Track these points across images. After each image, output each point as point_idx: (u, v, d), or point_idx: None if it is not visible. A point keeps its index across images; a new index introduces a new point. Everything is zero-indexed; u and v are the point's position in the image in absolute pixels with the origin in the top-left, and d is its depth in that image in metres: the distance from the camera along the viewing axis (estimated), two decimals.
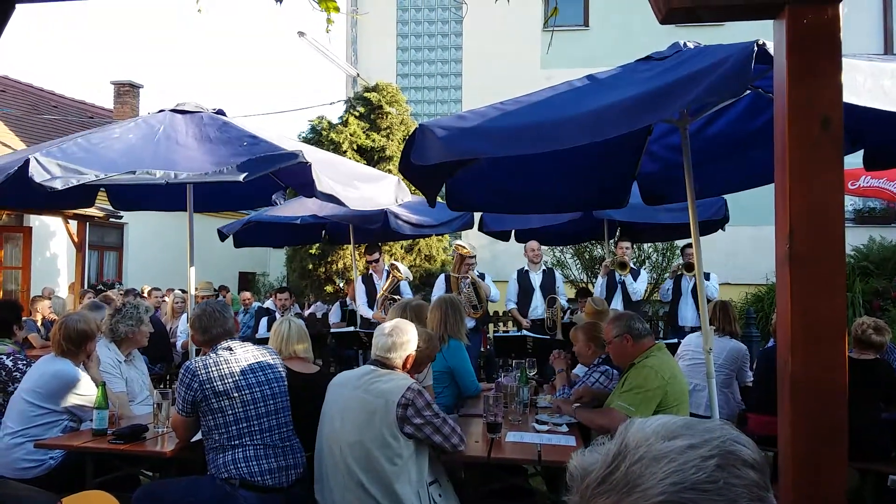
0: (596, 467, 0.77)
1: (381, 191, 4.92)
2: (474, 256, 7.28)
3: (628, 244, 7.41)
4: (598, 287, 7.50)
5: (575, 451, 0.83)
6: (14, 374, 3.98)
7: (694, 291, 7.01)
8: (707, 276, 7.20)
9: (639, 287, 7.34)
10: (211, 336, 3.28)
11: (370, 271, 7.90)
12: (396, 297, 7.55)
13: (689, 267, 7.00)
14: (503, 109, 3.09)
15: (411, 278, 8.01)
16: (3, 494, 1.14)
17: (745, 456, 0.75)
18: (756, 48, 2.32)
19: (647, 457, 0.74)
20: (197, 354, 5.02)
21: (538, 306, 7.44)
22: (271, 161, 3.85)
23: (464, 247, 7.25)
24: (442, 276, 7.77)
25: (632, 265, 7.49)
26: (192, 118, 4.46)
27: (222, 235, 7.59)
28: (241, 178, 3.71)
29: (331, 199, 4.17)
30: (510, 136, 2.93)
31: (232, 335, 3.35)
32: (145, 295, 9.83)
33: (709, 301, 6.69)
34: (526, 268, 7.63)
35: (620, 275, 7.22)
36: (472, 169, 4.22)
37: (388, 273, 7.55)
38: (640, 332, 3.59)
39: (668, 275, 7.62)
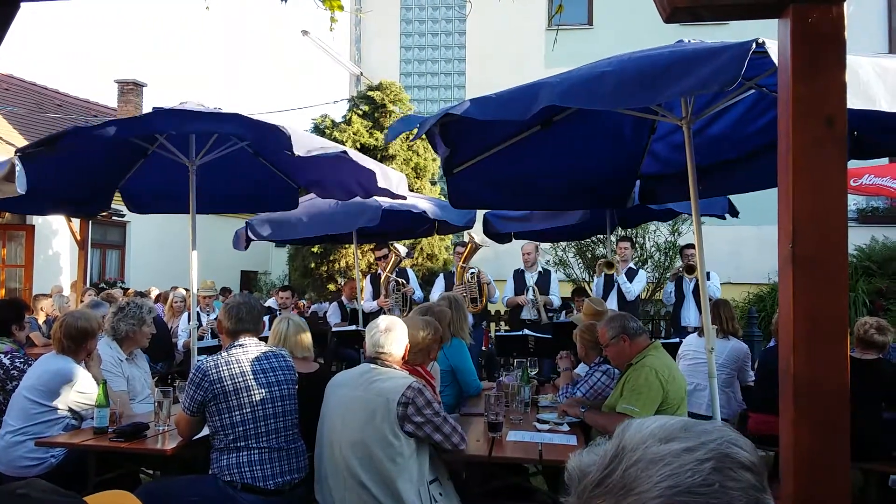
0: (593, 469, 0.77)
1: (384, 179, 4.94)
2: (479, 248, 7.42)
3: (628, 244, 7.41)
4: (596, 286, 7.55)
5: (576, 450, 0.83)
6: (11, 371, 3.98)
7: (695, 292, 6.99)
8: (707, 276, 7.17)
9: (633, 287, 7.32)
10: (235, 329, 3.23)
11: (378, 270, 7.88)
12: (402, 280, 7.58)
13: (689, 269, 6.98)
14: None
15: (412, 255, 8.05)
16: (27, 496, 1.13)
17: (742, 458, 0.75)
18: (755, 45, 2.31)
19: (644, 459, 0.74)
20: (199, 353, 5.04)
21: (530, 307, 7.52)
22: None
23: (475, 237, 7.36)
24: (441, 276, 7.89)
25: (631, 265, 7.52)
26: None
27: (242, 242, 7.24)
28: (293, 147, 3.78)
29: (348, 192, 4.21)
30: (500, 101, 2.99)
31: (258, 333, 3.30)
32: (151, 296, 9.70)
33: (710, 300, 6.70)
34: (522, 268, 7.67)
35: (609, 274, 7.26)
36: (473, 163, 4.25)
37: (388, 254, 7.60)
38: (635, 332, 3.58)
39: (669, 277, 7.58)
